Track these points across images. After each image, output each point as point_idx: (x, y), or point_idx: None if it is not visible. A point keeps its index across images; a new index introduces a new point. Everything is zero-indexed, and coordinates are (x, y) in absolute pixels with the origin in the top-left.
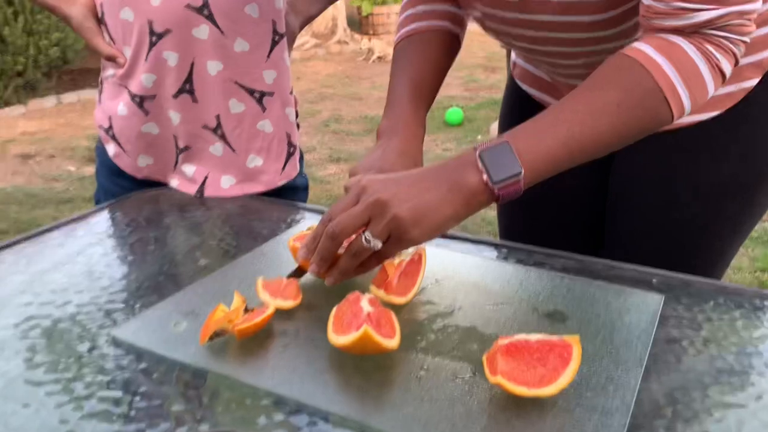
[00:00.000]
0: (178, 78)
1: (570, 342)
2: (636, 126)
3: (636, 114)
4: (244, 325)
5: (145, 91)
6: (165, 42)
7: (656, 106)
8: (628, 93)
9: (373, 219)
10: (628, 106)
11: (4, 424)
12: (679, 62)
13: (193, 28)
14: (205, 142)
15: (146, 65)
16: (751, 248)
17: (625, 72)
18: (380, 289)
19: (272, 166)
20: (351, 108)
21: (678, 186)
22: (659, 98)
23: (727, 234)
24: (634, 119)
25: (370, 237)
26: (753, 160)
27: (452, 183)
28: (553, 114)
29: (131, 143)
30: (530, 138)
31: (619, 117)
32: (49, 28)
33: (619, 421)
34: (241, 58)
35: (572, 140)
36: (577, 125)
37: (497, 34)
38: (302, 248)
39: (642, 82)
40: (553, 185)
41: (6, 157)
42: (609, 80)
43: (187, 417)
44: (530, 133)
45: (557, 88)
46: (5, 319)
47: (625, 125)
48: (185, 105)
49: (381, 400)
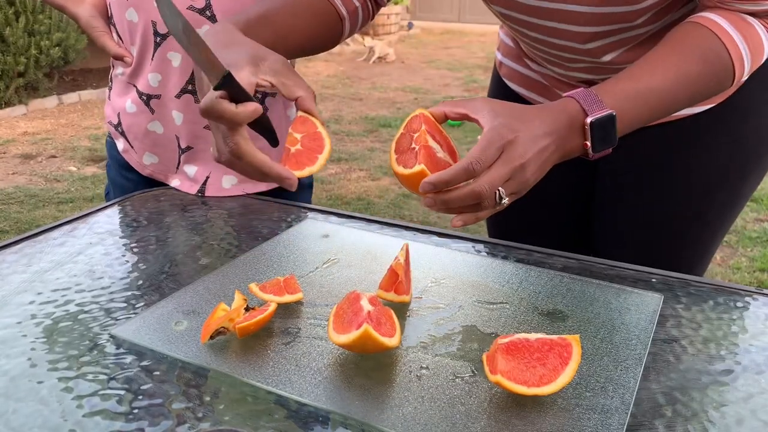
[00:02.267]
0: (182, 78)
1: (570, 341)
2: (706, 94)
3: (710, 85)
4: (244, 324)
5: (151, 90)
6: (169, 43)
7: (727, 78)
8: (709, 65)
9: (512, 179)
10: (707, 77)
11: (5, 422)
12: (752, 41)
13: (196, 29)
14: (207, 142)
15: (152, 65)
16: (750, 248)
17: (707, 44)
18: (389, 292)
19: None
20: (351, 108)
21: (670, 177)
22: (731, 72)
23: (715, 224)
24: (707, 89)
25: (504, 196)
26: (741, 151)
27: (561, 144)
28: (648, 78)
29: (138, 140)
30: (632, 110)
31: (698, 87)
32: (50, 28)
33: (619, 421)
34: None
35: (660, 110)
36: (666, 94)
37: (514, 21)
38: (431, 184)
39: (721, 55)
40: (541, 183)
41: (7, 158)
42: (693, 51)
43: (188, 415)
44: (631, 102)
45: (548, 88)
46: (7, 318)
47: (700, 94)
48: (188, 105)
49: (381, 399)
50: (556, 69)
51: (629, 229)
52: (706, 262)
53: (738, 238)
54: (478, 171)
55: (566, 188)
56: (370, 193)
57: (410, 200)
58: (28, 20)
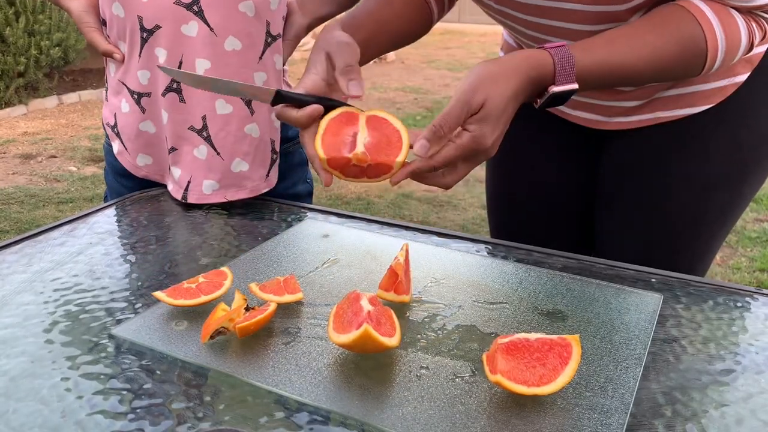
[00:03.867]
0: (167, 76)
1: (569, 341)
2: (671, 77)
3: (678, 70)
4: (244, 324)
5: (141, 88)
6: (156, 38)
7: (696, 66)
8: (684, 51)
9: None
10: (678, 62)
11: (6, 422)
12: (732, 35)
13: (182, 25)
14: (190, 144)
15: (140, 62)
16: (750, 248)
17: (687, 29)
18: (389, 292)
19: (257, 172)
20: None
21: (670, 177)
22: (702, 62)
23: (716, 225)
24: (674, 73)
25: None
26: (740, 151)
27: (521, 102)
28: (622, 52)
29: (131, 141)
30: (596, 81)
31: (666, 69)
32: (50, 28)
33: (618, 421)
34: (232, 58)
35: (621, 83)
36: (634, 72)
37: (512, 19)
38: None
39: (698, 44)
40: (542, 184)
41: (7, 157)
42: (672, 34)
43: (189, 415)
44: (598, 74)
45: None
46: (7, 318)
47: (666, 76)
48: (173, 104)
49: (381, 398)
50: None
51: (630, 228)
52: (708, 262)
53: (738, 238)
54: (443, 130)
55: (567, 189)
56: (370, 193)
57: (410, 200)
58: (28, 20)
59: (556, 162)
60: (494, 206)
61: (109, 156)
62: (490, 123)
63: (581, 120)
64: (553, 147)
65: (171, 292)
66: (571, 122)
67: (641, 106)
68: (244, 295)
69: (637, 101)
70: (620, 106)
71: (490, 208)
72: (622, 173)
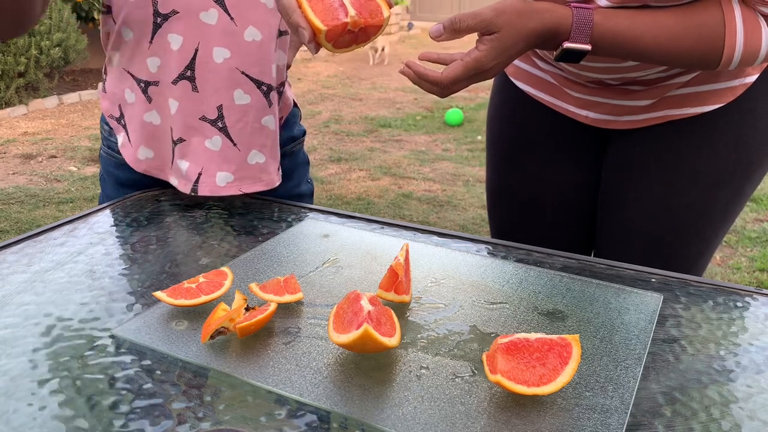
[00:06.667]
0: (180, 63)
1: (569, 341)
2: (678, 65)
3: (693, 58)
4: (245, 324)
5: (150, 77)
6: (170, 24)
7: (711, 61)
8: (700, 45)
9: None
10: (692, 54)
11: (6, 422)
12: (752, 40)
13: (201, 12)
14: (201, 134)
15: (150, 48)
16: (750, 248)
17: (709, 23)
18: (389, 292)
19: (273, 165)
20: (351, 109)
21: (677, 173)
22: (717, 59)
23: (719, 222)
24: (682, 63)
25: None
26: (746, 149)
27: (532, 46)
28: (642, 31)
29: (135, 132)
30: (608, 48)
31: (677, 58)
32: (50, 28)
33: (618, 420)
34: (252, 48)
35: (631, 57)
36: (646, 52)
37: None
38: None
39: (715, 40)
40: (543, 183)
41: (7, 157)
42: (694, 24)
43: (189, 415)
44: (612, 42)
45: (557, 88)
46: (7, 318)
47: (674, 63)
48: (184, 93)
49: (381, 398)
50: (570, 67)
51: (634, 225)
52: (707, 260)
53: (738, 238)
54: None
55: (569, 188)
56: (370, 193)
57: (410, 200)
58: None
59: (558, 162)
60: (495, 206)
61: (107, 165)
62: (498, 49)
63: (589, 120)
64: (556, 147)
65: (171, 292)
66: (577, 121)
67: (652, 104)
68: (245, 295)
69: (649, 100)
70: (631, 105)
71: (491, 207)
72: (627, 170)
